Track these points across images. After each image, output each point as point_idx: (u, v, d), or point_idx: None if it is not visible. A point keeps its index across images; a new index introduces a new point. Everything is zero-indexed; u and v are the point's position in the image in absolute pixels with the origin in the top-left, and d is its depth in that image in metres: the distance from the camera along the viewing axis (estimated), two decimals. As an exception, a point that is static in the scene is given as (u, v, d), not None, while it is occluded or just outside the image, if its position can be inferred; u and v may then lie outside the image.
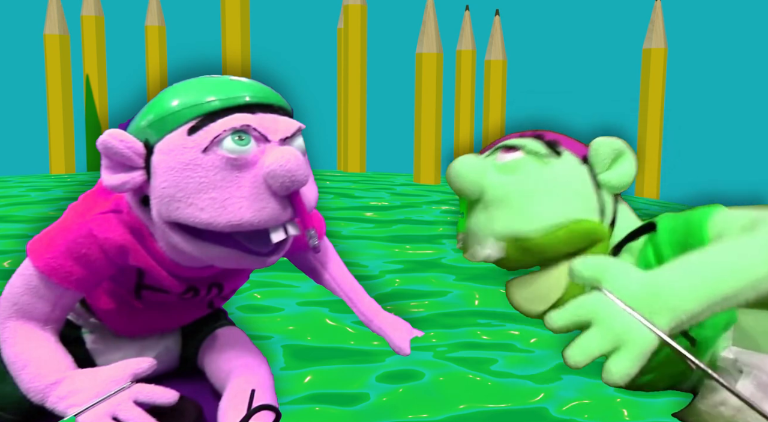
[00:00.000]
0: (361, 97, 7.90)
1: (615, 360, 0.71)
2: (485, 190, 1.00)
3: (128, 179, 0.94)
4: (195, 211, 0.91)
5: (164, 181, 0.92)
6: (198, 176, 0.91)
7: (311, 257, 1.35)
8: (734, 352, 0.97)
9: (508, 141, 1.05)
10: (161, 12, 7.82)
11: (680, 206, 6.72)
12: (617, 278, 0.75)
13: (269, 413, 1.01)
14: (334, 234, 1.95)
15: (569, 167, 1.00)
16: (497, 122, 7.83)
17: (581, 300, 0.76)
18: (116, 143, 0.93)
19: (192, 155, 0.91)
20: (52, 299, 1.00)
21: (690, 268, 0.76)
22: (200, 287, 1.12)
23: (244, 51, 6.87)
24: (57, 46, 7.51)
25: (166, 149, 0.93)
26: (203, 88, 0.97)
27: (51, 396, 0.94)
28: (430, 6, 7.22)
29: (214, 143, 0.91)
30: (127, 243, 1.00)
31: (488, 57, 7.88)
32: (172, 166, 0.91)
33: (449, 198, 5.96)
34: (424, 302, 3.24)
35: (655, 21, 7.47)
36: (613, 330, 0.72)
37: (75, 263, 0.98)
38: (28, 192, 5.78)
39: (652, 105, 7.52)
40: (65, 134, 7.57)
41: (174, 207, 0.92)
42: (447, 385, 2.44)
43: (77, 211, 1.03)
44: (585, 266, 0.78)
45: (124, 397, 0.93)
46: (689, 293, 0.73)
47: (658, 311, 0.73)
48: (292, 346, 2.70)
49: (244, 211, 0.91)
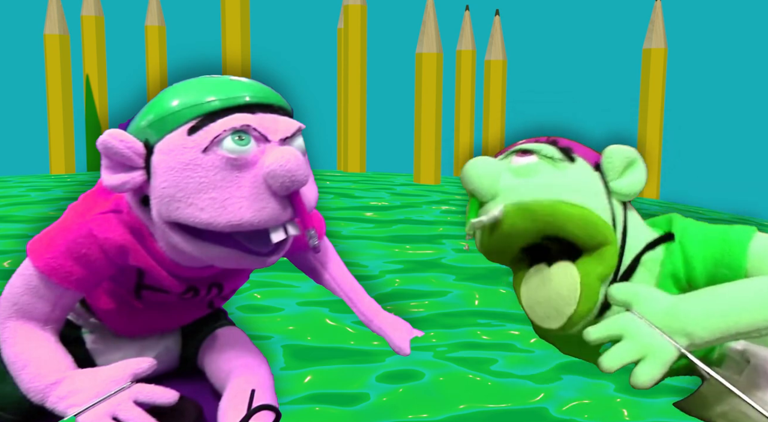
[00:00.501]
0: (361, 97, 7.90)
1: (642, 367, 0.83)
2: (499, 192, 0.99)
3: (128, 179, 0.94)
4: (195, 211, 0.91)
5: (164, 181, 0.92)
6: (198, 176, 0.91)
7: (311, 257, 1.35)
8: (743, 344, 0.97)
9: (523, 145, 1.05)
10: (161, 12, 7.82)
11: (680, 206, 6.72)
12: (646, 302, 0.88)
13: (269, 413, 1.01)
14: (334, 234, 1.95)
15: (583, 172, 1.01)
16: (497, 122, 7.83)
17: (615, 318, 0.88)
18: (116, 143, 0.93)
19: (192, 155, 0.91)
20: (52, 299, 1.00)
21: (711, 301, 0.86)
22: (200, 287, 1.12)
23: (244, 51, 6.87)
24: (57, 46, 7.51)
25: (166, 149, 0.93)
26: (203, 88, 0.97)
27: (51, 396, 0.94)
28: (430, 6, 7.22)
29: (214, 143, 0.91)
30: (127, 243, 1.00)
31: (488, 57, 7.88)
32: (172, 166, 0.92)
33: (449, 198, 5.96)
34: (424, 302, 3.24)
35: (655, 21, 7.47)
36: (642, 342, 0.85)
37: (75, 263, 0.98)
38: (28, 192, 5.77)
39: (652, 105, 7.52)
40: (65, 134, 7.57)
41: (174, 207, 0.92)
42: (447, 385, 2.44)
43: (77, 211, 1.03)
44: (619, 291, 0.91)
45: (124, 397, 0.93)
46: (705, 323, 0.84)
47: (676, 333, 0.84)
48: (292, 346, 2.70)
49: (244, 211, 0.91)
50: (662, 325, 0.85)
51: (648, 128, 7.52)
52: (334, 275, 1.36)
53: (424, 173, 7.23)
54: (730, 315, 0.84)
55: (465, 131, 7.84)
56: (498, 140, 7.72)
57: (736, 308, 0.84)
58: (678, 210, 6.06)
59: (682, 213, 1.08)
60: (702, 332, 0.84)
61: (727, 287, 0.88)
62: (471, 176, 1.00)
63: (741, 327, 0.84)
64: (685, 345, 0.84)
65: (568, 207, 0.95)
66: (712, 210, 6.72)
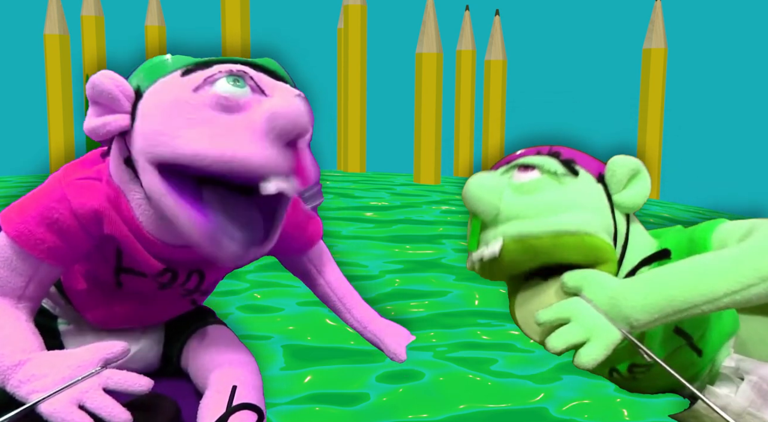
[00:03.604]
0: (361, 97, 7.90)
1: (586, 349, 0.86)
2: (501, 211, 0.99)
3: (111, 120, 0.90)
4: (181, 143, 0.83)
5: (150, 118, 0.87)
6: (186, 113, 0.85)
7: (305, 261, 1.29)
8: (735, 360, 0.97)
9: (525, 159, 1.04)
10: (161, 12, 7.82)
11: (680, 206, 6.72)
12: (593, 287, 0.91)
13: (251, 414, 0.94)
14: (334, 234, 1.94)
15: (586, 187, 1.00)
16: (497, 122, 7.83)
17: (564, 302, 0.91)
18: (107, 81, 0.90)
19: (182, 93, 0.87)
20: (26, 272, 0.95)
21: (649, 283, 0.87)
22: (179, 270, 1.04)
23: (245, 51, 6.87)
24: (57, 46, 7.50)
25: (155, 90, 0.90)
26: None
27: (12, 378, 0.85)
28: (430, 6, 7.22)
29: (207, 82, 0.87)
30: (102, 210, 0.95)
31: (488, 57, 7.88)
32: (160, 102, 0.88)
33: (449, 198, 5.96)
34: (424, 302, 3.24)
35: (655, 21, 7.47)
36: (587, 325, 0.88)
37: (47, 230, 0.93)
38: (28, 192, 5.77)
39: (652, 105, 7.51)
40: (65, 134, 7.56)
41: (158, 141, 0.85)
42: (447, 385, 2.44)
43: (55, 177, 0.99)
44: (571, 276, 0.93)
45: (92, 383, 0.83)
46: (641, 305, 0.85)
47: (616, 318, 0.87)
48: (292, 346, 2.70)
49: (236, 149, 0.82)
50: (606, 309, 0.87)
51: (648, 128, 7.51)
52: (329, 280, 1.29)
53: (424, 173, 7.23)
54: (665, 294, 0.84)
55: (465, 131, 7.84)
56: (498, 140, 7.72)
57: (670, 287, 0.85)
58: (678, 210, 6.06)
59: (682, 213, 1.08)
60: (639, 314, 0.85)
61: (666, 267, 0.90)
62: (472, 195, 0.99)
63: (677, 305, 0.84)
64: (627, 328, 0.86)
65: (568, 238, 0.95)
66: (712, 210, 6.72)
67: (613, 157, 1.03)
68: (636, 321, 0.85)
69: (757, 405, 0.91)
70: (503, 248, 0.97)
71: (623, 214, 1.02)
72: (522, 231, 0.96)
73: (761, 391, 0.92)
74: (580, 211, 0.97)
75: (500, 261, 0.99)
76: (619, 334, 0.86)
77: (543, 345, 0.94)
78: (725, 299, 0.83)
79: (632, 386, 1.13)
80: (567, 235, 0.95)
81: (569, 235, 0.95)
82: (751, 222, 0.93)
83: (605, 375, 1.10)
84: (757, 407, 0.91)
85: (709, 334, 1.01)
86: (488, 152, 7.77)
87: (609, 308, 0.87)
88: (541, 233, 0.95)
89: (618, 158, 1.02)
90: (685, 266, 0.87)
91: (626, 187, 1.01)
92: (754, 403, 0.91)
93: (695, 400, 0.96)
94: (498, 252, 0.97)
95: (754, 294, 0.82)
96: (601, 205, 0.99)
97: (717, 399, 0.93)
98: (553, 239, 0.95)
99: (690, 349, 1.01)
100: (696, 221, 1.05)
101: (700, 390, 0.97)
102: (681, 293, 0.84)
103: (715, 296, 0.83)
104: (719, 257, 0.86)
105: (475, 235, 1.02)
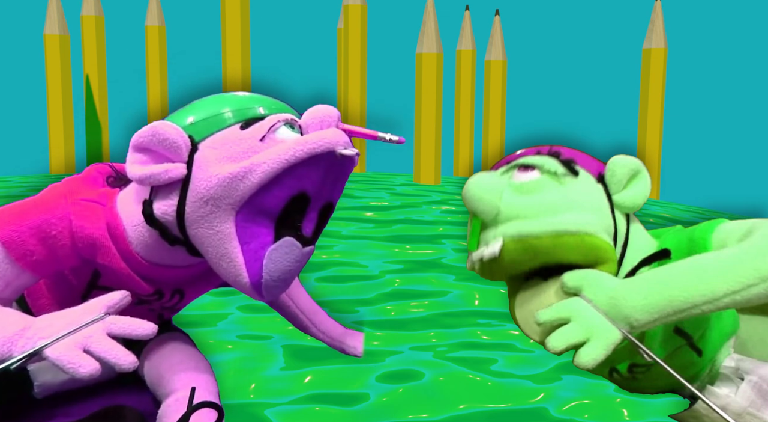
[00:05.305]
0: (361, 97, 7.90)
1: (586, 348, 0.86)
2: (501, 211, 0.99)
3: (172, 168, 0.92)
4: (264, 168, 0.91)
5: (219, 166, 0.91)
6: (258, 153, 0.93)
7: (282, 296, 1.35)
8: (735, 360, 0.97)
9: (525, 159, 1.04)
10: (161, 12, 7.82)
11: (680, 206, 6.72)
12: (593, 287, 0.90)
13: (211, 411, 0.96)
14: (334, 234, 1.94)
15: (586, 187, 1.00)
16: (497, 122, 7.83)
17: (564, 302, 0.91)
18: (172, 131, 0.92)
19: (250, 143, 0.93)
20: (6, 278, 0.95)
21: (649, 283, 0.87)
22: (165, 290, 1.07)
23: (245, 51, 6.87)
24: (57, 46, 7.50)
25: (216, 143, 0.94)
26: (244, 98, 1.00)
27: (19, 341, 0.85)
28: (430, 6, 7.22)
29: (271, 131, 0.94)
30: (100, 239, 0.96)
31: (488, 57, 7.88)
32: (228, 155, 0.92)
33: (449, 198, 5.96)
34: (424, 302, 3.24)
35: (655, 21, 7.47)
36: (587, 325, 0.87)
37: (39, 243, 0.94)
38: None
39: (652, 105, 7.51)
40: (65, 134, 7.55)
41: (236, 186, 0.90)
42: (447, 385, 2.44)
43: (58, 191, 0.99)
44: (571, 276, 0.93)
45: (97, 328, 0.85)
46: (641, 305, 0.85)
47: (616, 318, 0.87)
48: (292, 346, 2.69)
49: (310, 137, 0.94)
50: (606, 309, 0.87)
51: (648, 128, 7.51)
52: (292, 294, 1.37)
53: (424, 173, 7.23)
54: (665, 295, 0.84)
55: (465, 131, 7.83)
56: (498, 140, 7.72)
57: (670, 287, 0.85)
58: (678, 210, 6.06)
59: (682, 213, 1.08)
60: (639, 314, 0.85)
61: (666, 267, 0.89)
62: (472, 195, 0.99)
63: (677, 305, 0.84)
64: (624, 327, 0.86)
65: (568, 238, 0.95)
66: (712, 210, 6.72)
67: (613, 157, 1.03)
68: (636, 321, 0.85)
69: (757, 405, 0.91)
70: (503, 248, 0.97)
71: (623, 214, 1.02)
72: (522, 231, 0.96)
73: (761, 391, 0.92)
74: (580, 211, 0.97)
75: (500, 261, 0.99)
76: (619, 334, 0.86)
77: (543, 345, 0.94)
78: (725, 299, 0.83)
79: (632, 386, 1.13)
80: (567, 235, 0.95)
81: (569, 235, 0.95)
82: (751, 222, 0.93)
83: (605, 375, 1.10)
84: (757, 407, 0.91)
85: (709, 334, 1.01)
86: (488, 152, 7.77)
87: (609, 309, 0.87)
88: (541, 233, 0.95)
89: (618, 158, 1.02)
90: (685, 266, 0.87)
91: (626, 187, 1.01)
92: (754, 403, 0.92)
93: (695, 400, 0.96)
94: (498, 252, 0.98)
95: (754, 294, 0.83)
96: (601, 205, 0.99)
97: (717, 399, 0.93)
98: (553, 239, 0.95)
99: (690, 349, 1.01)
100: (696, 221, 1.04)
101: (700, 390, 0.97)
102: (681, 294, 0.84)
103: (715, 296, 0.83)
104: (719, 257, 0.86)
105: (475, 235, 1.02)
